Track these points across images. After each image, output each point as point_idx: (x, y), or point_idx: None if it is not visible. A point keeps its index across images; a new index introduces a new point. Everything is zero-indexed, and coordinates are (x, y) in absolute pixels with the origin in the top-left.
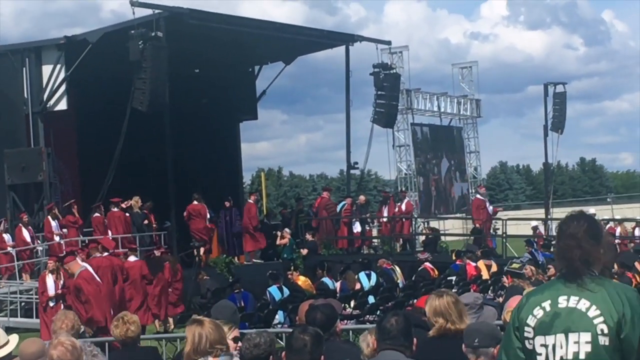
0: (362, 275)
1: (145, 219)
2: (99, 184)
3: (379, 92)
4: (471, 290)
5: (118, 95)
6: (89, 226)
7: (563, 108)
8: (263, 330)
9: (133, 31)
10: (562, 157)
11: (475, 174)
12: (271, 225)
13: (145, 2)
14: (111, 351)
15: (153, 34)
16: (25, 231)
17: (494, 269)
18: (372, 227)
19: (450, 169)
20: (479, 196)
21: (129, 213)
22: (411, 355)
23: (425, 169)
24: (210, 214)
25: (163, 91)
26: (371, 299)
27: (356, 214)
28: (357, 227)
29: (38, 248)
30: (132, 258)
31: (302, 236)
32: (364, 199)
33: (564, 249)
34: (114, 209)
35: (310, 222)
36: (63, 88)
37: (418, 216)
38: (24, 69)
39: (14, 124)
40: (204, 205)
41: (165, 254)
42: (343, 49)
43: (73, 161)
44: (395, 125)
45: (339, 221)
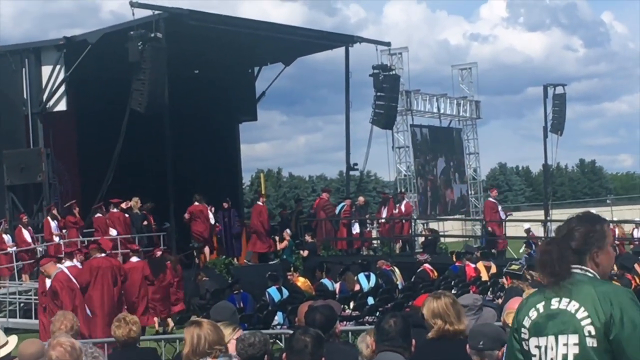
0: (362, 276)
1: (145, 220)
2: (98, 185)
3: (379, 94)
4: (470, 291)
5: (118, 96)
6: (89, 227)
7: (562, 109)
8: (257, 330)
9: (132, 32)
10: (562, 159)
11: (474, 175)
12: (270, 227)
13: (145, 3)
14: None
15: (152, 35)
16: (25, 232)
17: (493, 270)
18: (372, 229)
19: (449, 170)
20: (491, 199)
21: (128, 214)
22: (410, 356)
23: (425, 170)
24: (215, 211)
25: (162, 92)
26: (370, 300)
27: (355, 215)
28: (357, 228)
29: (38, 249)
30: (134, 259)
31: (302, 237)
32: (363, 200)
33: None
34: (114, 209)
35: (310, 224)
36: (62, 89)
37: (417, 217)
38: (24, 69)
39: (13, 125)
40: (206, 206)
41: (167, 253)
42: (342, 50)
43: (72, 162)
44: (394, 127)
45: (338, 222)
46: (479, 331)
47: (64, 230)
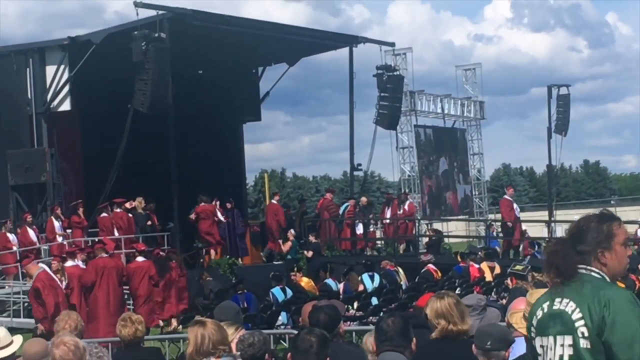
0: (366, 276)
1: (149, 220)
2: (102, 185)
3: (382, 94)
4: (474, 291)
5: (122, 96)
6: (94, 227)
7: (567, 110)
8: (256, 329)
9: (136, 32)
10: (566, 160)
11: (478, 175)
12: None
13: (149, 3)
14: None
15: (156, 35)
16: (30, 231)
17: (497, 270)
18: (376, 229)
19: (453, 171)
20: (507, 197)
21: (132, 214)
22: (411, 354)
23: (429, 170)
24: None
25: (165, 92)
26: (374, 301)
27: (359, 216)
28: (360, 229)
29: (43, 248)
30: (140, 259)
31: (306, 238)
32: (365, 200)
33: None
34: (117, 209)
35: (314, 224)
36: (67, 89)
37: (421, 218)
38: (28, 69)
39: (17, 125)
40: (213, 205)
41: (172, 253)
42: (346, 50)
43: (76, 162)
44: (398, 127)
45: (342, 223)
46: (485, 331)
47: (68, 230)
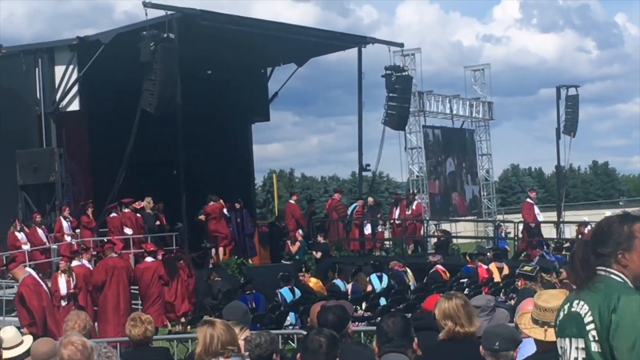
0: (374, 277)
1: (157, 220)
2: (110, 185)
3: (391, 94)
4: (483, 292)
5: (130, 96)
6: (103, 227)
7: (575, 111)
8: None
9: (145, 32)
10: (575, 160)
11: (487, 176)
12: (282, 228)
13: (158, 4)
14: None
15: (165, 35)
16: (40, 231)
17: (506, 271)
18: (385, 229)
19: (461, 172)
20: (529, 200)
21: (140, 214)
22: (413, 354)
23: (437, 171)
24: (228, 211)
25: (173, 93)
26: (382, 301)
27: (367, 216)
28: (369, 229)
29: (52, 248)
30: (149, 259)
31: (314, 238)
32: (372, 201)
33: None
34: (126, 209)
35: (323, 224)
36: (75, 89)
37: (430, 218)
38: (37, 69)
39: (26, 125)
40: (221, 203)
41: (181, 253)
42: (355, 51)
43: (85, 162)
44: (407, 128)
45: (350, 223)
46: (493, 332)
47: (76, 230)
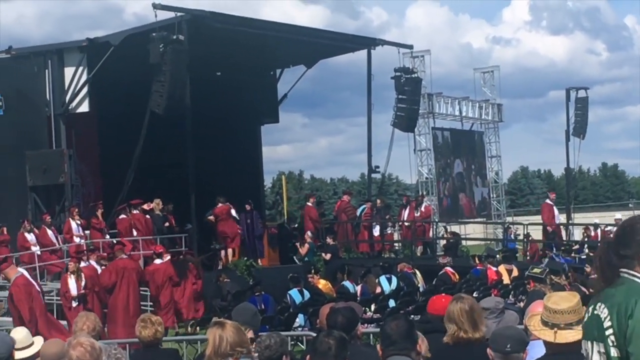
0: (383, 279)
1: (166, 222)
2: (120, 186)
3: (400, 96)
4: (492, 294)
5: (140, 98)
6: (112, 228)
7: (585, 113)
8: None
9: (154, 34)
10: (584, 162)
11: (496, 178)
12: (291, 229)
13: (167, 5)
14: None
15: (174, 37)
16: (50, 232)
17: (515, 273)
18: (394, 231)
19: (470, 174)
20: (548, 201)
21: (149, 215)
22: (417, 356)
23: (446, 173)
24: (238, 212)
25: (182, 94)
26: (392, 303)
27: (376, 218)
28: (377, 231)
29: (63, 248)
30: (158, 260)
31: (323, 240)
32: (380, 202)
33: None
34: (135, 211)
35: (332, 226)
36: (85, 90)
37: (439, 220)
38: (47, 70)
39: (35, 126)
40: (229, 205)
41: (190, 254)
42: (365, 52)
43: (95, 163)
44: (416, 130)
45: (359, 225)
46: (504, 334)
47: (86, 232)
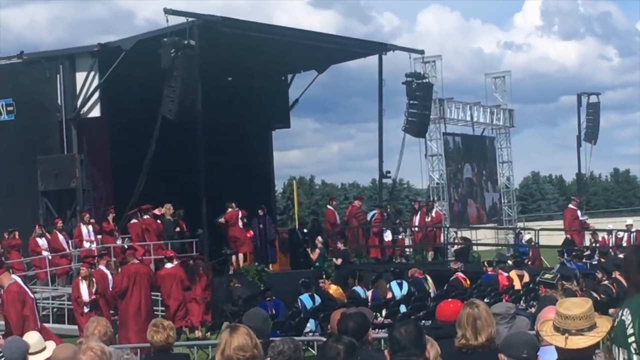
0: (394, 284)
1: (177, 227)
2: (131, 191)
3: (411, 102)
4: (503, 300)
5: (151, 103)
6: (124, 233)
7: (597, 118)
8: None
9: (166, 39)
10: (596, 168)
11: (507, 184)
12: (303, 234)
13: (179, 10)
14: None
15: (186, 42)
16: (61, 237)
17: (526, 279)
18: (405, 237)
19: (481, 179)
20: (571, 206)
21: (160, 220)
22: None
23: (457, 178)
24: (250, 217)
25: (193, 99)
26: (403, 308)
27: (387, 223)
28: (389, 236)
29: (73, 254)
30: (169, 265)
31: (334, 244)
32: (389, 207)
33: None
34: (145, 216)
35: (343, 231)
36: (96, 95)
37: (450, 225)
38: (58, 75)
39: (47, 131)
40: (238, 210)
41: (201, 260)
42: (376, 58)
43: (106, 168)
44: (427, 135)
45: (369, 230)
46: (519, 340)
47: (98, 236)
